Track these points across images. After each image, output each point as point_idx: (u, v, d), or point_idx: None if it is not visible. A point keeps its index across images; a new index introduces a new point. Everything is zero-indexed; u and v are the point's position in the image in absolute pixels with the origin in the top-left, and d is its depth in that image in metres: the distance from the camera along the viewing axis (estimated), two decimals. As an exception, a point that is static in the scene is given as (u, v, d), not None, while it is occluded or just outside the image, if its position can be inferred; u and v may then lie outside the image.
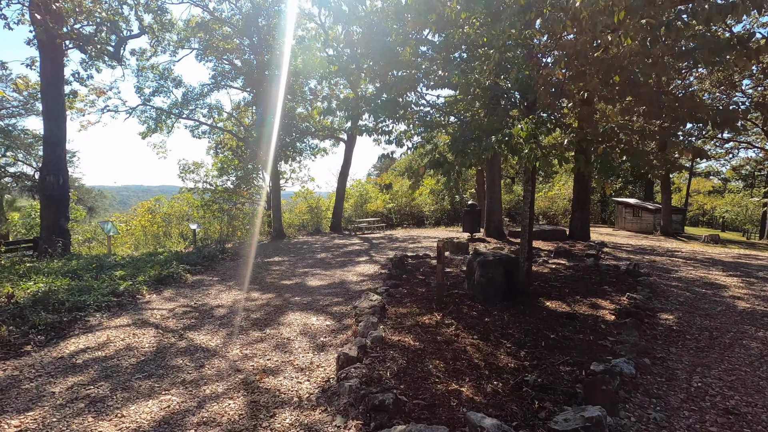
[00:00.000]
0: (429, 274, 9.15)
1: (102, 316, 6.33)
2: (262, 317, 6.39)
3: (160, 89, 17.62)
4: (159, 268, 9.17)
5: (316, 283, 8.96)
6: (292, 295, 7.86)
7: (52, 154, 12.18)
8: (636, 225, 26.72)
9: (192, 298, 7.56)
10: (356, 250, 14.76)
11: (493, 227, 15.87)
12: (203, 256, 11.40)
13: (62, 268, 9.40)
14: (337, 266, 11.14)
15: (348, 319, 6.21)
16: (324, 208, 25.34)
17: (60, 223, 12.17)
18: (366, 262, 11.79)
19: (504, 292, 6.62)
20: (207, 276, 9.72)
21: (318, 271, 10.40)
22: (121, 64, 15.54)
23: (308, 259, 12.49)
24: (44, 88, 12.26)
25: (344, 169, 24.12)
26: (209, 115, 19.25)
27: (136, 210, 23.84)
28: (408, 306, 6.46)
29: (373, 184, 28.15)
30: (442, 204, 27.61)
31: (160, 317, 6.35)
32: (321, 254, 13.67)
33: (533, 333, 5.19)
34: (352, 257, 12.84)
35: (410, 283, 8.21)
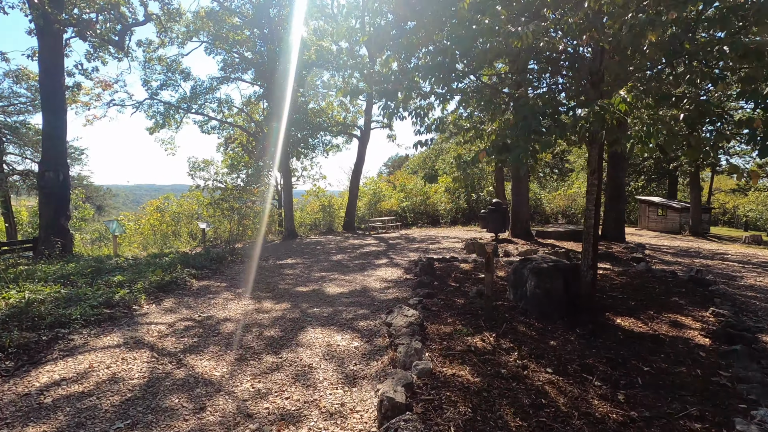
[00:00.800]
0: (462, 280, 8.03)
1: (89, 333, 5.30)
2: (277, 335, 5.33)
3: (168, 82, 16.69)
4: (161, 273, 8.16)
5: (335, 291, 7.89)
6: (309, 306, 6.79)
7: (51, 149, 11.26)
8: (661, 224, 25.32)
9: (196, 309, 6.52)
10: (373, 251, 13.69)
11: (520, 227, 14.69)
12: (211, 259, 10.40)
13: (57, 272, 8.43)
14: (355, 270, 10.07)
15: (379, 338, 5.12)
16: (336, 207, 24.30)
17: (60, 223, 11.24)
18: (386, 265, 10.70)
19: (564, 306, 5.48)
20: (214, 281, 8.70)
21: (336, 276, 9.34)
22: (127, 55, 14.62)
23: (324, 262, 11.43)
24: (43, 78, 11.34)
25: (357, 167, 23.07)
26: (219, 110, 18.30)
27: (145, 208, 23.01)
28: (450, 322, 5.35)
29: (387, 182, 27.04)
30: (457, 203, 26.43)
31: (156, 335, 5.32)
32: (337, 256, 12.61)
33: (620, 364, 4.05)
34: (370, 259, 11.76)
35: (444, 292, 7.10)
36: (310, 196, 26.00)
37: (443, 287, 7.48)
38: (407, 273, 9.36)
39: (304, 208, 26.48)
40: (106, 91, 16.06)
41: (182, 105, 17.35)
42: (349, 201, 22.59)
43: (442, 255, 12.05)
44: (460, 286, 7.57)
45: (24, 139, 21.39)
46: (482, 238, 15.21)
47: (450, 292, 7.09)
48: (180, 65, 16.70)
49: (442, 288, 7.42)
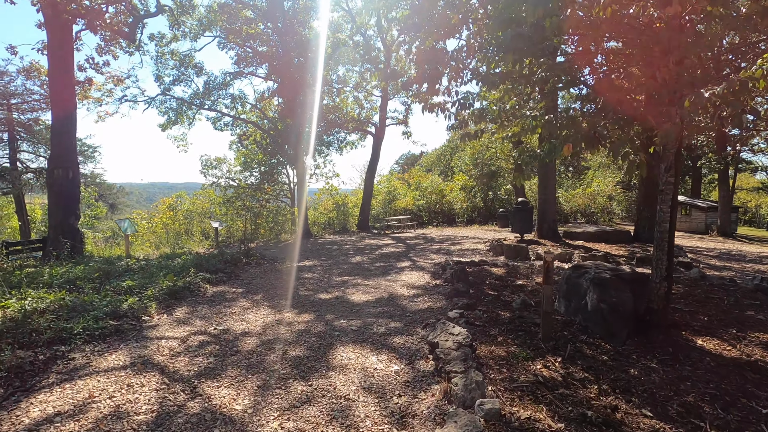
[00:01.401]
0: (499, 287, 7.27)
1: (92, 350, 4.66)
2: (304, 355, 4.63)
3: (181, 78, 16.09)
4: (173, 277, 7.52)
5: (360, 298, 7.18)
6: (335, 317, 6.09)
7: (60, 145, 10.71)
8: (685, 224, 24.24)
9: (211, 320, 5.86)
10: (392, 252, 12.97)
11: (547, 228, 13.85)
12: (225, 261, 9.76)
13: (64, 275, 7.85)
14: (378, 274, 9.36)
15: (422, 360, 4.39)
16: (351, 206, 23.62)
17: (70, 222, 10.70)
18: (410, 268, 9.97)
19: (632, 323, 4.69)
20: (230, 287, 8.04)
21: (358, 281, 8.63)
22: (138, 49, 14.05)
23: (343, 265, 10.74)
24: (52, 71, 10.78)
25: (372, 164, 22.37)
26: (232, 106, 17.68)
27: (158, 207, 22.55)
28: (502, 341, 4.60)
29: (401, 180, 26.28)
30: (474, 201, 25.58)
31: (168, 353, 4.65)
32: (355, 258, 11.91)
33: (730, 403, 3.28)
34: (391, 262, 11.04)
35: (483, 302, 6.35)
36: (323, 194, 25.38)
37: (481, 296, 6.73)
38: (435, 278, 8.63)
39: (318, 206, 25.85)
40: (118, 86, 15.51)
41: (195, 101, 16.76)
42: (364, 199, 21.90)
43: (468, 257, 11.29)
44: (498, 294, 6.81)
45: (37, 137, 21.04)
46: (506, 239, 14.40)
47: (490, 302, 6.34)
48: (193, 59, 16.09)
49: (480, 297, 6.66)
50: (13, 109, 20.89)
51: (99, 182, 23.19)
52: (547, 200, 13.97)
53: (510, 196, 25.45)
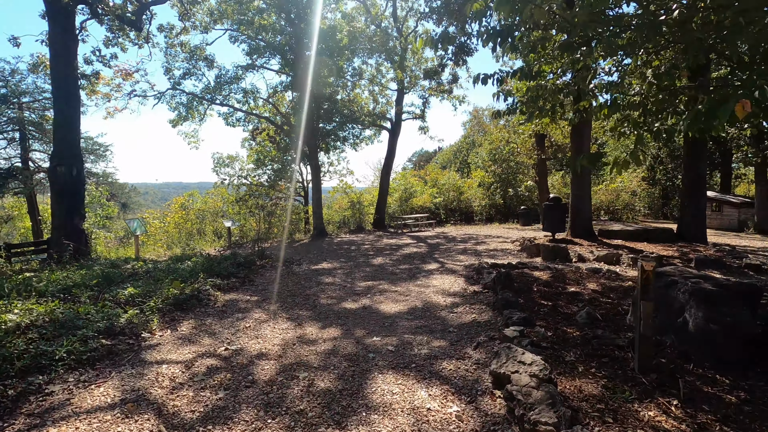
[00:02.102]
0: (551, 295, 6.24)
1: (77, 380, 3.76)
2: (335, 387, 3.68)
3: (192, 71, 15.28)
4: (180, 284, 6.64)
5: (391, 308, 6.21)
6: (366, 332, 5.14)
7: (63, 141, 9.93)
8: (716, 221, 22.81)
9: (220, 338, 4.94)
10: (415, 253, 11.98)
11: (581, 226, 12.73)
12: (238, 264, 8.88)
13: (62, 281, 7.03)
14: (405, 278, 8.38)
15: (487, 398, 3.41)
16: (366, 204, 22.69)
17: (73, 223, 9.93)
18: (439, 271, 8.98)
19: (750, 347, 3.65)
20: (243, 294, 7.14)
21: (385, 287, 7.67)
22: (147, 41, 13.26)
23: (364, 267, 9.79)
24: (54, 63, 10.01)
25: (388, 161, 21.41)
26: (244, 101, 16.84)
27: (170, 206, 21.89)
28: (586, 372, 3.60)
29: (417, 177, 25.26)
30: (493, 199, 24.46)
31: (168, 384, 3.74)
32: (376, 259, 10.95)
33: None
34: (416, 264, 10.07)
35: (539, 315, 5.34)
36: (337, 192, 24.48)
37: (533, 306, 5.71)
38: (470, 283, 7.62)
39: (332, 205, 24.99)
40: (127, 81, 14.77)
41: (206, 96, 15.95)
42: (380, 197, 20.96)
43: (499, 259, 10.26)
44: (554, 305, 5.78)
45: (49, 136, 20.47)
46: (535, 238, 13.32)
47: (547, 316, 5.32)
48: (203, 51, 15.23)
49: (533, 308, 5.65)
50: (25, 107, 20.36)
51: (111, 181, 22.62)
52: (581, 196, 12.84)
53: (531, 193, 24.28)
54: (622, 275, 7.72)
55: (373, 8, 19.06)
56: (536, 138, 20.64)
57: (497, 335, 4.71)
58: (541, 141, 20.66)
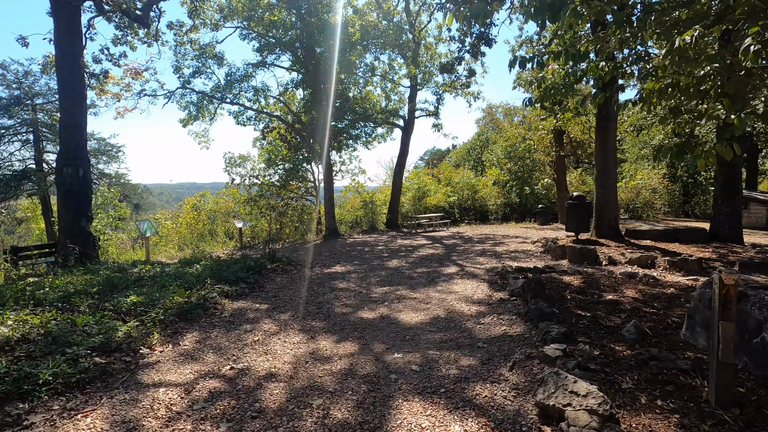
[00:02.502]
0: (589, 305, 5.64)
1: (63, 408, 3.32)
2: (354, 419, 3.16)
3: (201, 70, 14.92)
4: (185, 292, 6.20)
5: (411, 318, 5.69)
6: (385, 347, 4.62)
7: (69, 141, 9.60)
8: (743, 219, 21.72)
9: (226, 354, 4.47)
10: (432, 255, 11.43)
11: (607, 225, 12.01)
12: (248, 268, 8.44)
13: (63, 288, 6.66)
14: (424, 282, 7.85)
15: (534, 436, 2.86)
16: (378, 203, 22.17)
17: (80, 225, 9.60)
18: (459, 275, 8.42)
19: None
20: (252, 301, 6.67)
21: (402, 292, 7.14)
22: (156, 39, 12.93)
23: (379, 270, 9.28)
24: (59, 61, 9.69)
25: (401, 159, 20.86)
26: (255, 99, 16.45)
27: (182, 207, 21.66)
28: (651, 405, 3.02)
29: (431, 175, 24.65)
30: (509, 197, 23.72)
31: (164, 414, 3.26)
32: (392, 261, 10.43)
33: None
34: (434, 266, 9.52)
35: (578, 328, 4.76)
36: (350, 191, 24.02)
37: (570, 318, 5.13)
38: (495, 289, 7.06)
39: (344, 204, 24.53)
40: (137, 80, 14.47)
41: (216, 94, 15.58)
42: (393, 196, 20.42)
43: (522, 261, 9.66)
44: (592, 315, 5.19)
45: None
46: (558, 238, 12.66)
47: (588, 328, 4.73)
48: (213, 49, 14.84)
49: (570, 320, 5.06)
50: (38, 109, 20.32)
51: (123, 182, 22.52)
52: (607, 194, 12.12)
53: (549, 191, 23.50)
54: (662, 281, 7.06)
55: (385, 3, 18.51)
56: (554, 134, 19.87)
57: (535, 353, 4.15)
58: (560, 137, 19.89)
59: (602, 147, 12.20)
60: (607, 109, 11.87)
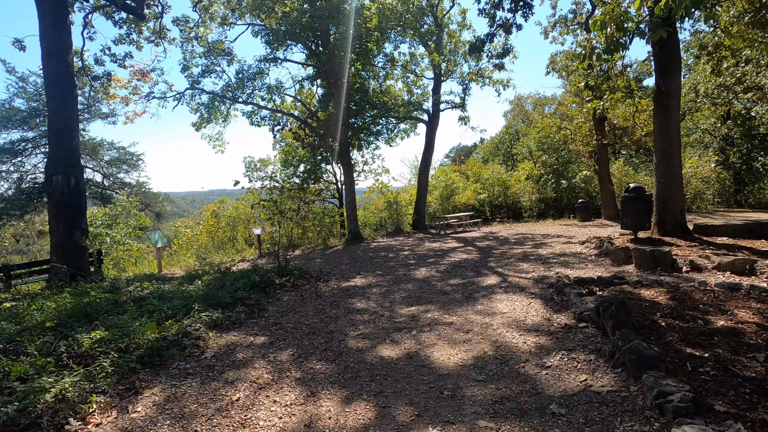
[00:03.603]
0: (698, 337, 3.97)
1: None
2: None
3: (211, 68, 13.88)
4: (156, 327, 4.91)
5: (447, 358, 4.19)
6: (413, 413, 3.15)
7: (59, 146, 8.59)
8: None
9: (191, 426, 3.11)
10: (465, 260, 9.87)
11: (672, 221, 10.07)
12: (252, 285, 7.15)
13: (26, 318, 5.54)
14: (459, 299, 6.33)
15: None
16: (403, 203, 20.67)
17: (73, 239, 8.59)
18: (502, 288, 6.84)
19: None
20: (246, 332, 5.32)
21: (434, 314, 5.64)
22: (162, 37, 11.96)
23: (405, 282, 7.81)
24: (46, 60, 8.69)
25: (426, 156, 19.29)
26: (269, 98, 15.31)
27: (202, 214, 20.89)
28: None
29: (458, 172, 22.91)
30: (544, 192, 21.71)
31: None
32: (420, 270, 8.94)
33: None
34: (469, 276, 7.97)
35: (699, 379, 3.13)
36: (373, 192, 22.62)
37: (681, 361, 3.49)
38: (553, 308, 5.46)
39: (367, 206, 23.16)
40: (146, 82, 13.58)
41: (228, 94, 14.50)
42: (418, 196, 18.88)
43: (576, 268, 7.97)
44: (713, 357, 3.53)
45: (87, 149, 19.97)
46: (610, 237, 10.81)
47: (719, 384, 3.10)
48: (222, 44, 13.74)
49: (683, 365, 3.42)
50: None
51: (144, 191, 22.03)
52: (670, 183, 10.18)
53: (588, 184, 21.34)
54: (780, 295, 5.26)
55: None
56: (595, 121, 17.81)
57: (653, 436, 2.57)
58: (601, 124, 17.80)
59: (663, 129, 10.28)
60: (669, 84, 9.98)
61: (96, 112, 20.29)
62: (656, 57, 10.35)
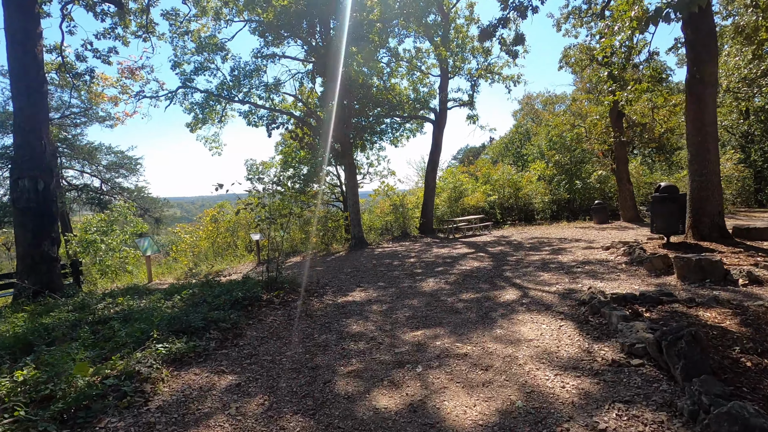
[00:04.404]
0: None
1: None
2: None
3: (204, 65, 12.99)
4: (88, 369, 3.92)
5: (463, 411, 3.13)
6: None
7: (25, 147, 7.67)
8: None
9: None
10: (478, 269, 8.79)
11: (710, 224, 8.89)
12: (234, 302, 6.16)
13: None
14: (473, 319, 5.27)
15: None
16: (410, 206, 19.61)
17: (42, 249, 7.67)
18: (524, 305, 5.76)
19: None
20: (211, 369, 4.30)
21: (444, 341, 4.59)
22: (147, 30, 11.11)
23: (410, 297, 6.77)
24: (10, 50, 7.74)
25: (433, 156, 18.24)
26: (267, 97, 14.39)
27: (202, 219, 20.03)
28: None
29: (467, 173, 21.79)
30: (557, 193, 20.50)
31: None
32: (427, 282, 7.88)
33: None
34: (483, 288, 6.91)
35: None
36: (379, 195, 21.59)
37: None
38: (590, 334, 4.38)
39: (373, 209, 22.14)
40: (136, 81, 12.74)
41: (223, 93, 13.60)
42: (426, 198, 17.82)
43: (607, 279, 6.86)
44: None
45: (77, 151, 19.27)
46: (638, 242, 9.66)
47: None
48: (216, 39, 12.83)
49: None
50: (53, 124, 19.29)
51: (144, 196, 21.27)
52: (706, 182, 9.00)
53: (603, 185, 20.10)
54: None
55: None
56: (612, 117, 16.62)
57: None
58: (619, 120, 16.59)
59: (697, 121, 9.11)
60: (704, 71, 8.83)
61: (93, 116, 19.57)
62: (689, 42, 9.21)
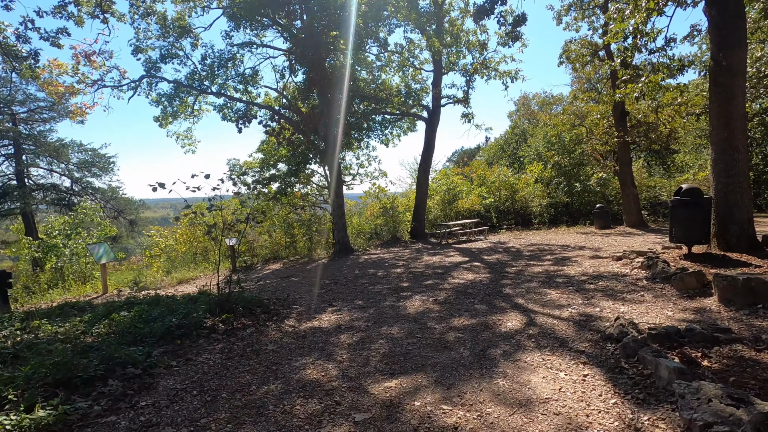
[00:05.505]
0: None
1: None
2: None
3: (172, 52, 11.61)
4: None
5: None
6: None
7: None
8: None
9: None
10: (473, 283, 7.52)
11: (737, 232, 7.65)
12: (167, 330, 4.82)
13: None
14: (466, 361, 3.96)
15: None
16: (401, 209, 18.32)
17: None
18: (530, 337, 4.48)
19: None
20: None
21: (426, 401, 3.26)
22: (103, 10, 9.75)
23: (390, 323, 5.46)
24: None
25: (425, 156, 16.98)
26: (244, 90, 13.07)
27: (180, 221, 18.61)
28: None
29: (461, 175, 20.54)
30: (555, 196, 19.31)
31: None
32: (413, 300, 6.58)
33: None
34: (480, 312, 5.62)
35: None
36: (369, 197, 20.29)
37: None
38: (627, 390, 3.08)
39: (363, 212, 20.81)
40: (96, 69, 11.34)
41: (194, 83, 12.25)
42: (417, 200, 16.55)
43: (629, 301, 5.59)
44: None
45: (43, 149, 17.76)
46: (654, 252, 8.41)
47: None
48: (184, 22, 11.44)
49: None
50: (18, 119, 17.79)
51: (117, 197, 19.80)
52: (733, 185, 7.77)
53: (604, 188, 18.93)
54: None
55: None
56: (616, 116, 15.45)
57: None
58: (623, 119, 15.43)
59: (722, 116, 7.88)
60: (732, 58, 7.62)
61: (63, 111, 18.09)
62: (714, 25, 7.99)
